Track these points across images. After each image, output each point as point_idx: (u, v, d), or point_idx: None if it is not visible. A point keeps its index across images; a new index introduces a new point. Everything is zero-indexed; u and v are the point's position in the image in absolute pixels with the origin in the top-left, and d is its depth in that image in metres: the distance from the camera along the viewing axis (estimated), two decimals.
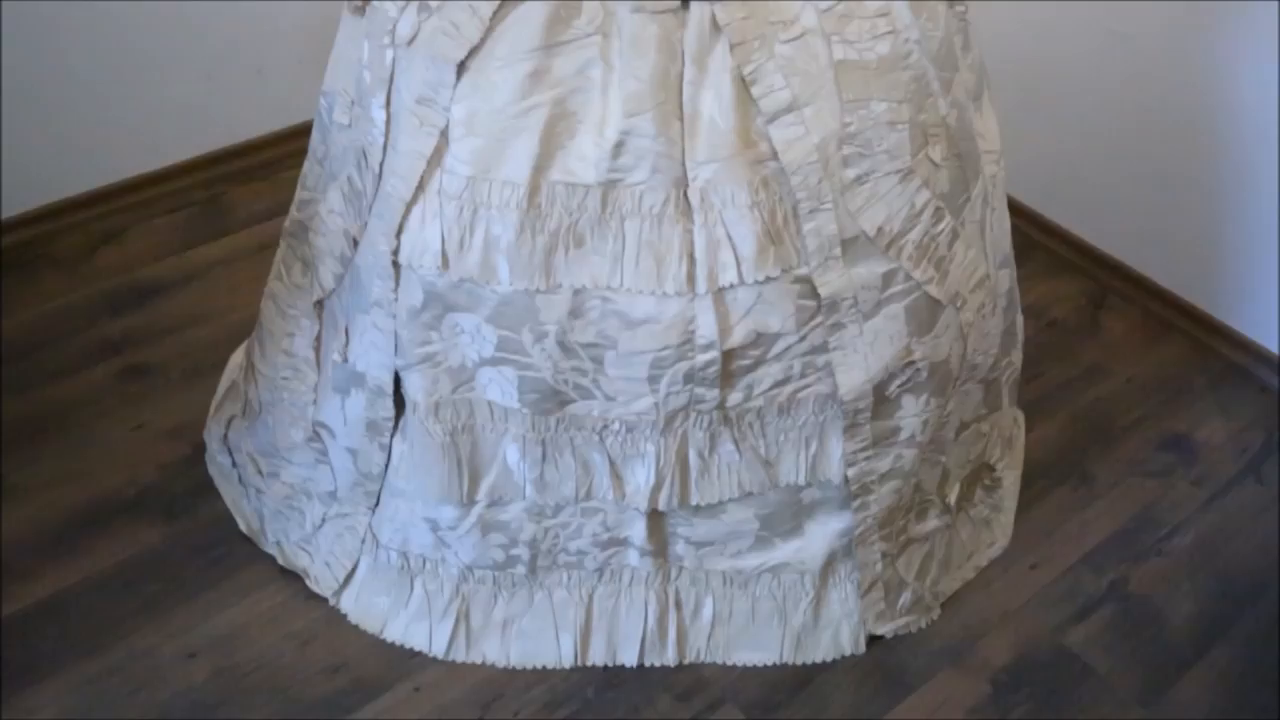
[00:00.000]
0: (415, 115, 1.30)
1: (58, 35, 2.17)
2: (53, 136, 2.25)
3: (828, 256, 1.32)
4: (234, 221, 2.38)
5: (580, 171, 1.27)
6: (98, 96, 2.27)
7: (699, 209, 1.28)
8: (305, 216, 1.54)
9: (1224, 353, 2.16)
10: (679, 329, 1.32)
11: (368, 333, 1.44)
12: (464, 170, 1.28)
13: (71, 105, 2.25)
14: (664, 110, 1.25)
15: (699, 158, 1.27)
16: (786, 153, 1.28)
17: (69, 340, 2.09)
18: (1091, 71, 2.16)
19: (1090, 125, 2.21)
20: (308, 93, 2.36)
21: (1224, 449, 2.00)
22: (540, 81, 1.25)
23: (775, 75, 1.27)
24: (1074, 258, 2.34)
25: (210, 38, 2.35)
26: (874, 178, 1.32)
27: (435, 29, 1.28)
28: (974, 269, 1.47)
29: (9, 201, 2.26)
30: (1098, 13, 2.10)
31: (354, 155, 1.40)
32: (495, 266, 1.30)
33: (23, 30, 2.12)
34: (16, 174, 2.24)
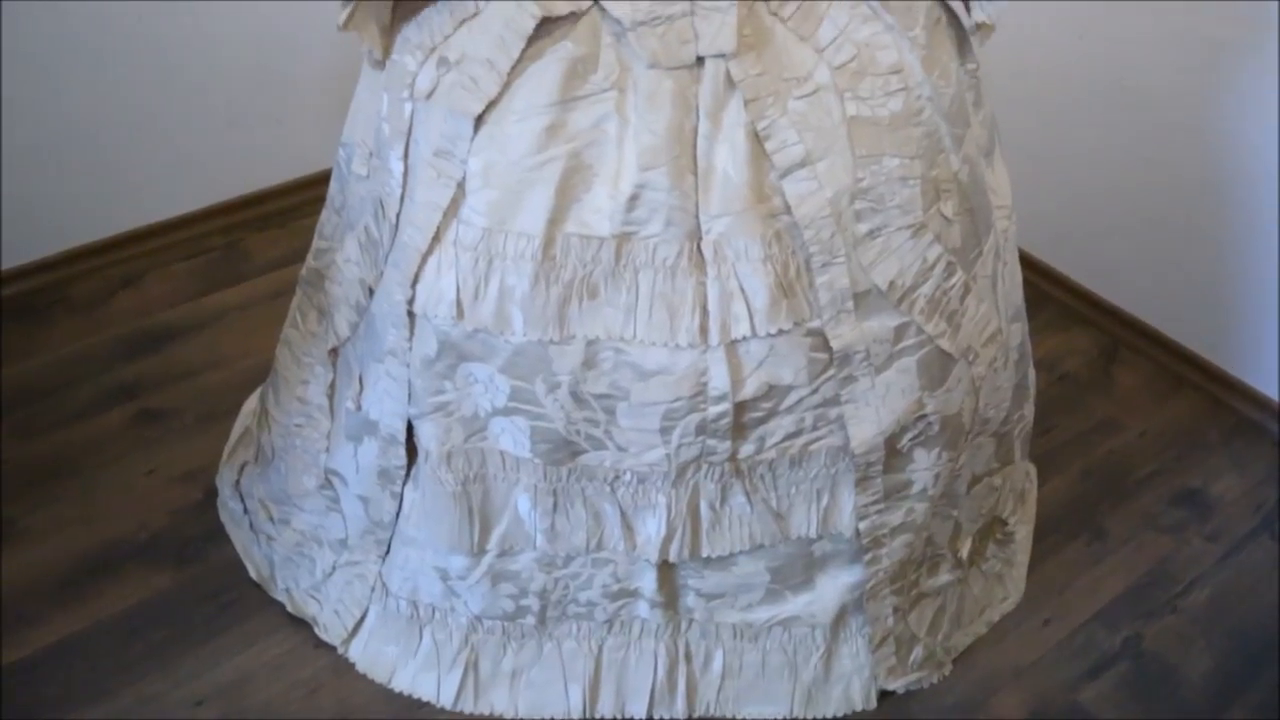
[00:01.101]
0: (432, 167, 1.31)
1: (82, 83, 2.21)
2: (74, 183, 2.28)
3: (840, 310, 1.33)
4: (251, 268, 2.40)
5: (595, 224, 1.28)
6: (119, 144, 2.30)
7: (712, 262, 1.29)
8: (322, 265, 1.55)
9: (1237, 407, 2.15)
10: (691, 381, 1.32)
11: (381, 381, 1.44)
12: (480, 221, 1.29)
13: (94, 152, 2.28)
14: (678, 164, 1.27)
15: (713, 211, 1.28)
16: (799, 207, 1.29)
17: (84, 384, 2.10)
18: (1102, 126, 2.17)
19: (1101, 179, 2.22)
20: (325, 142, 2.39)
21: (1238, 504, 1.99)
22: (556, 135, 1.27)
23: (789, 131, 1.28)
24: (1086, 311, 2.34)
25: (232, 88, 2.38)
26: (886, 232, 1.33)
27: (454, 83, 1.30)
28: (986, 323, 1.47)
29: (29, 247, 2.29)
30: (1107, 68, 2.12)
31: (371, 206, 1.42)
32: (509, 317, 1.31)
33: (47, 77, 2.16)
34: (37, 219, 2.26)
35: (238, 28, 2.32)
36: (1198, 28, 1.95)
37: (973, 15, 1.36)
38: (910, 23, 1.35)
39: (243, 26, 2.33)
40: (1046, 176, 2.29)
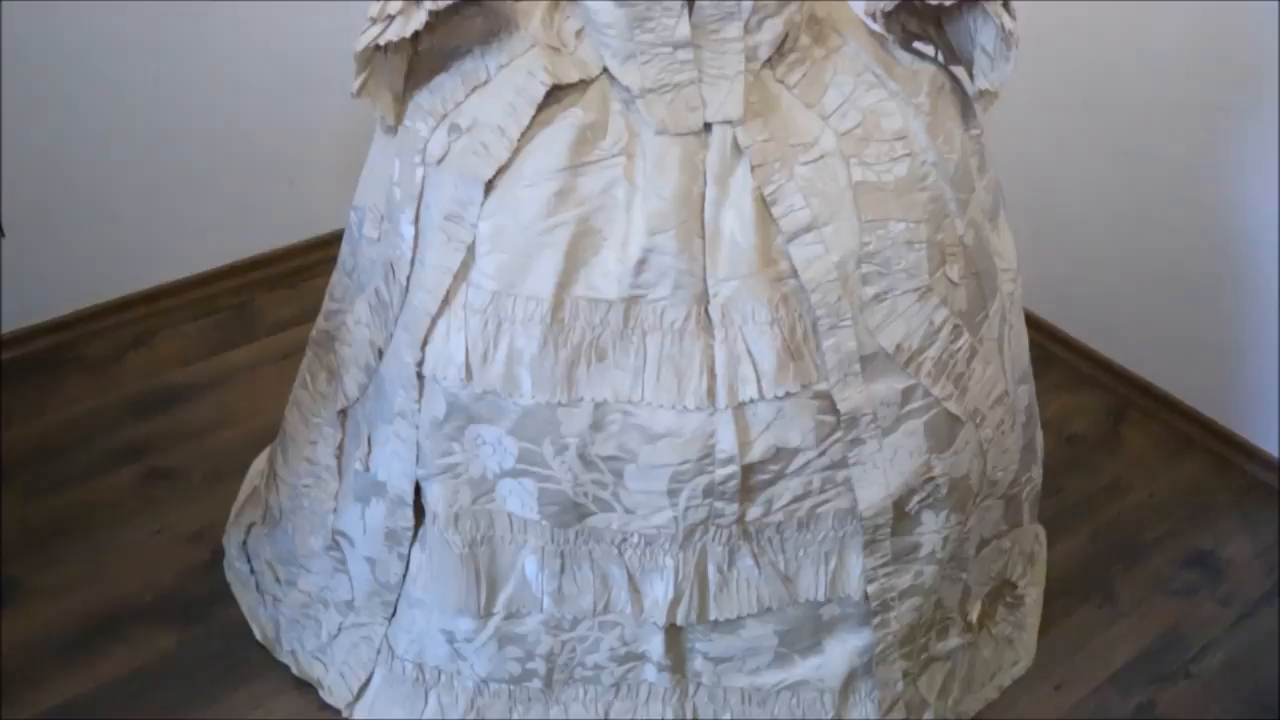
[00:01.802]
0: (443, 231, 1.33)
1: (95, 144, 2.24)
2: (87, 243, 2.30)
3: (847, 373, 1.33)
4: (261, 328, 2.41)
5: (603, 287, 1.29)
6: (132, 205, 2.33)
7: (720, 325, 1.30)
8: (332, 327, 1.56)
9: (1247, 469, 2.15)
10: (699, 443, 1.32)
11: (390, 442, 1.45)
12: (489, 285, 1.30)
13: (106, 213, 2.31)
14: (686, 228, 1.28)
15: (720, 274, 1.29)
16: (806, 271, 1.30)
17: (93, 443, 2.11)
18: (1105, 189, 2.19)
19: (1105, 241, 2.23)
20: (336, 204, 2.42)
21: (1251, 567, 1.97)
22: (566, 200, 1.29)
23: (795, 195, 1.29)
24: (1093, 372, 2.34)
25: (246, 151, 2.42)
26: (892, 296, 1.34)
27: (465, 149, 1.32)
28: (993, 385, 1.47)
29: (41, 307, 2.31)
30: (1109, 132, 2.14)
31: (382, 268, 1.43)
32: (518, 379, 1.31)
33: (59, 138, 2.19)
34: (50, 279, 2.29)
35: (251, 91, 2.36)
36: (1198, 93, 1.98)
37: (976, 82, 1.38)
38: (914, 90, 1.37)
39: (256, 89, 2.37)
40: (1052, 239, 2.30)
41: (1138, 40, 2.03)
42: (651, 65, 1.30)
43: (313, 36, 2.38)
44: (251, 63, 2.34)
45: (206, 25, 2.25)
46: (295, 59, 2.38)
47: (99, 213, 2.29)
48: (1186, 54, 1.97)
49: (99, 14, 2.12)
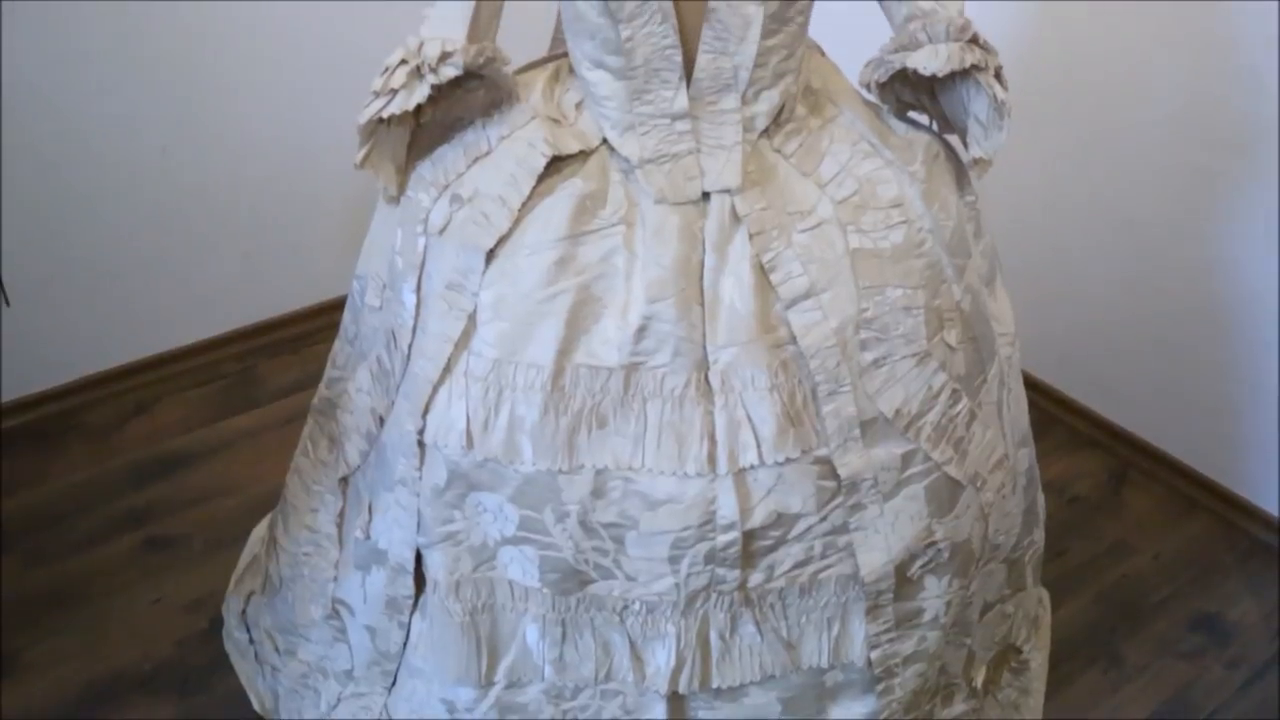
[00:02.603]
0: (444, 299, 1.34)
1: (98, 212, 2.26)
2: (91, 311, 2.32)
3: (847, 438, 1.33)
4: (263, 394, 2.42)
5: (604, 354, 1.30)
6: (136, 273, 2.35)
7: (720, 391, 1.30)
8: (334, 394, 1.57)
9: (1250, 530, 2.14)
10: (700, 509, 1.32)
11: (391, 510, 1.45)
12: (490, 353, 1.31)
13: (109, 281, 2.32)
14: (685, 296, 1.29)
15: (719, 341, 1.30)
16: (805, 337, 1.30)
17: (93, 511, 2.11)
18: (1100, 251, 2.21)
19: (1103, 303, 2.25)
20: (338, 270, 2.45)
21: (1257, 629, 1.96)
22: (566, 268, 1.30)
23: (793, 263, 1.31)
24: (1093, 433, 2.34)
25: (249, 219, 2.44)
26: (891, 361, 1.35)
27: (466, 218, 1.33)
28: (993, 449, 1.47)
29: (44, 375, 2.32)
30: (1103, 196, 2.16)
31: (384, 336, 1.44)
32: (519, 446, 1.32)
33: (62, 206, 2.21)
34: (53, 347, 2.30)
35: (255, 160, 2.40)
36: (1189, 158, 2.00)
37: (970, 151, 1.40)
38: (910, 158, 1.39)
39: (260, 158, 2.40)
40: (1050, 301, 2.32)
41: (1129, 106, 2.06)
42: (650, 136, 1.32)
43: (316, 107, 2.41)
44: (256, 132, 2.37)
45: (212, 95, 2.28)
46: (298, 130, 2.42)
47: (101, 281, 2.31)
48: (1177, 120, 2.00)
49: (105, 83, 2.15)
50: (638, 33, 1.28)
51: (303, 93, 2.39)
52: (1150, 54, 2.00)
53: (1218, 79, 1.91)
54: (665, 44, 1.28)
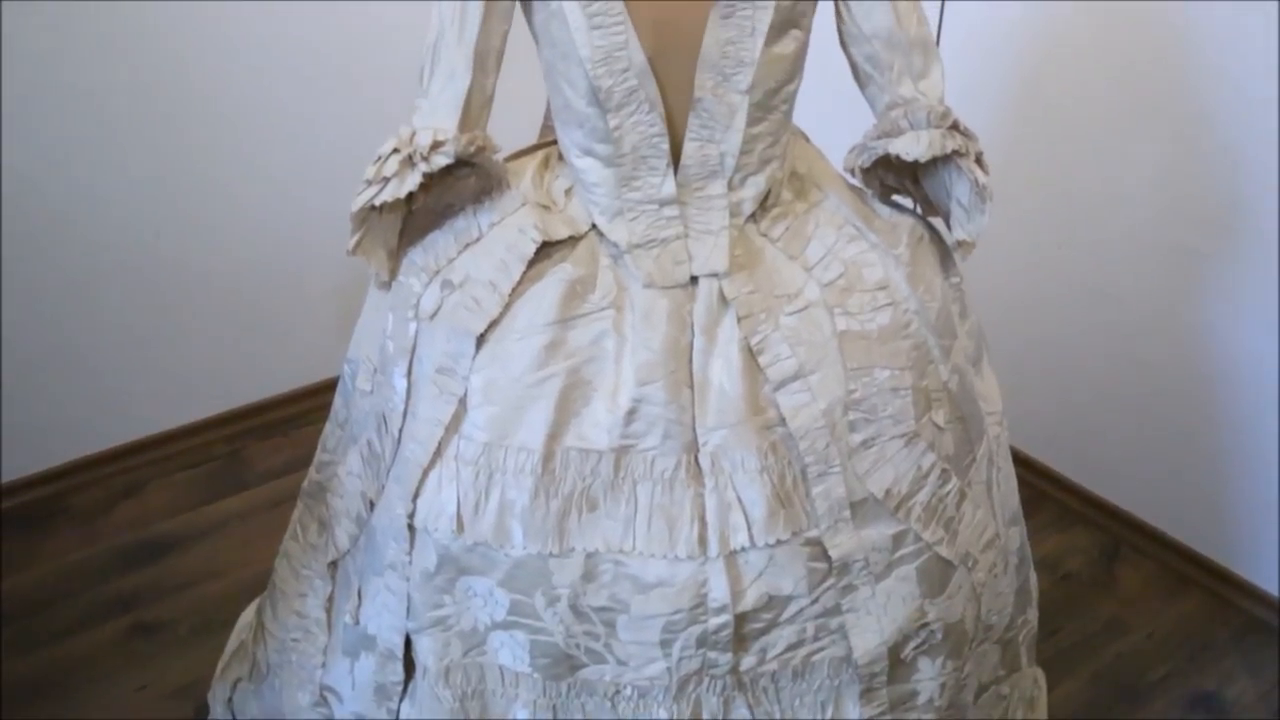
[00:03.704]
0: (435, 384, 1.35)
1: (89, 295, 2.28)
2: (79, 395, 2.32)
3: (837, 519, 1.33)
4: (252, 476, 2.41)
5: (594, 437, 1.30)
6: (128, 356, 2.35)
7: (710, 473, 1.31)
8: (324, 478, 1.57)
9: (1244, 607, 2.13)
10: (691, 592, 1.32)
11: (380, 595, 1.44)
12: (481, 436, 1.32)
13: (100, 365, 2.33)
14: (675, 378, 1.30)
15: (709, 424, 1.30)
16: (794, 419, 1.31)
17: (79, 597, 2.09)
18: (1088, 330, 2.23)
19: (1090, 379, 2.26)
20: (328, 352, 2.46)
21: (1255, 709, 1.94)
22: (556, 352, 1.31)
23: (781, 345, 1.32)
24: (1084, 510, 2.34)
25: (241, 302, 2.46)
26: (880, 442, 1.35)
27: (457, 304, 1.35)
28: (983, 529, 1.47)
29: (31, 459, 2.31)
30: (1087, 272, 2.19)
31: (374, 420, 1.45)
32: (509, 530, 1.31)
33: (57, 289, 2.23)
34: (40, 431, 2.30)
35: (245, 243, 2.42)
36: (1174, 236, 2.03)
37: (953, 233, 1.42)
38: (894, 241, 1.41)
39: (250, 242, 2.43)
40: (1038, 378, 2.34)
41: (1111, 186, 2.10)
42: (639, 222, 1.34)
43: (306, 192, 2.45)
44: (247, 217, 2.40)
45: (204, 179, 2.31)
46: (288, 214, 2.45)
47: (91, 363, 2.32)
48: (1159, 199, 2.04)
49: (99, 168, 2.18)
50: (625, 121, 1.31)
51: (294, 178, 2.42)
52: (1130, 134, 2.04)
53: (1198, 158, 1.95)
54: (652, 132, 1.31)
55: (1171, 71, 1.94)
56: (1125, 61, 2.00)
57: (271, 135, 2.36)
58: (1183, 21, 1.90)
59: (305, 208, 2.45)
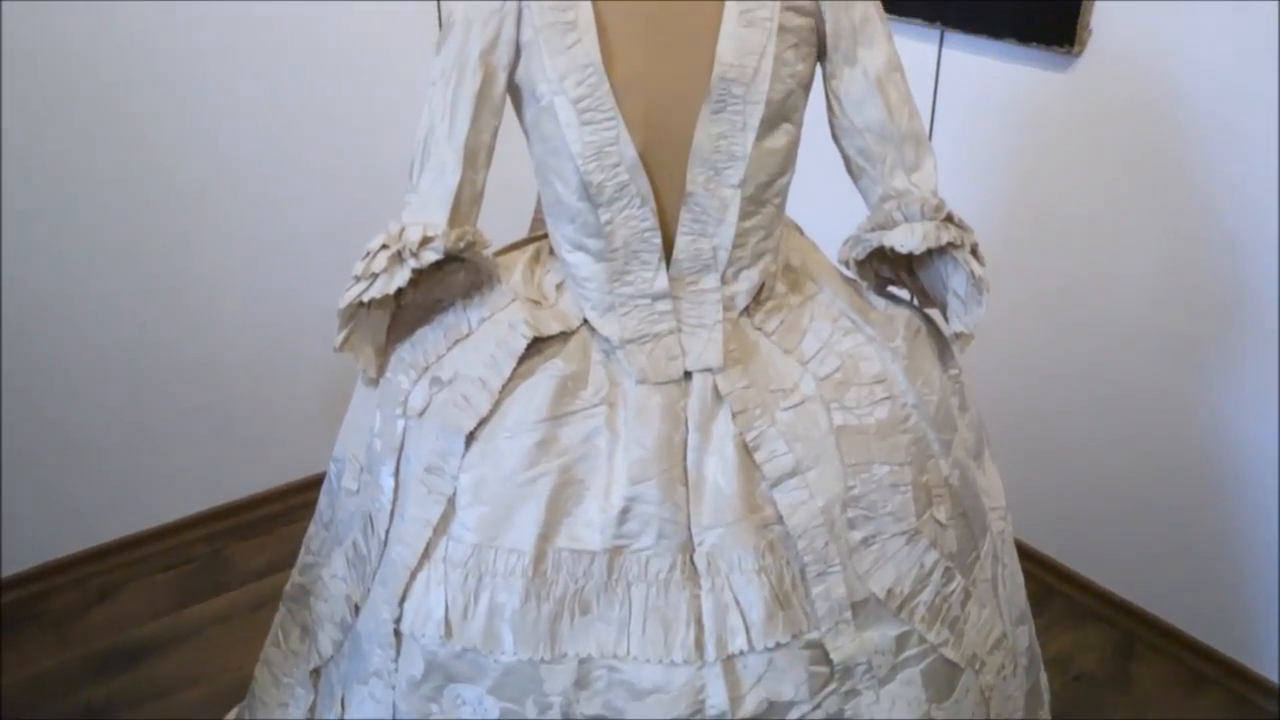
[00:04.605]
0: (423, 483, 1.35)
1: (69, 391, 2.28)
2: (54, 493, 2.31)
3: (838, 620, 1.33)
4: (233, 578, 2.40)
5: (586, 538, 1.30)
6: (104, 453, 2.35)
7: (706, 574, 1.30)
8: (307, 581, 1.56)
9: (1264, 705, 2.11)
10: (688, 698, 1.30)
11: (365, 704, 1.42)
12: (470, 538, 1.32)
13: (77, 462, 2.33)
14: (669, 476, 1.31)
15: (704, 522, 1.31)
16: (791, 517, 1.32)
17: (51, 705, 2.06)
18: (1088, 417, 2.25)
19: (1094, 470, 2.27)
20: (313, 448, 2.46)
21: None
22: (547, 450, 1.32)
23: (777, 441, 1.33)
24: (1095, 605, 2.33)
25: (224, 397, 2.46)
26: (880, 539, 1.36)
27: (446, 401, 1.36)
28: (990, 629, 1.47)
29: (4, 560, 2.29)
30: (1087, 361, 2.21)
31: (360, 521, 1.45)
32: (499, 635, 1.31)
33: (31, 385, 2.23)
34: (13, 532, 2.28)
35: (228, 338, 2.43)
36: (1174, 325, 2.06)
37: (951, 325, 1.44)
38: (891, 334, 1.43)
39: (233, 337, 2.44)
40: (1041, 470, 2.34)
41: (1110, 275, 2.13)
42: (631, 316, 1.36)
43: (292, 287, 2.47)
44: (230, 312, 2.42)
45: (188, 270, 2.33)
46: (273, 309, 2.47)
47: (65, 461, 2.31)
48: (1159, 287, 2.07)
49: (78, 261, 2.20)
50: (617, 216, 1.34)
51: (280, 271, 2.45)
52: (1129, 224, 2.08)
53: (1196, 246, 1.99)
54: (644, 227, 1.34)
55: (1170, 162, 1.98)
56: (1123, 152, 2.04)
57: (258, 228, 2.40)
58: (1180, 114, 1.95)
59: (292, 302, 2.48)
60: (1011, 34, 2.10)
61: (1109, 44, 2.01)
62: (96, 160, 2.16)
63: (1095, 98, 2.05)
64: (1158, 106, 1.97)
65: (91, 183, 2.17)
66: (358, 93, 2.44)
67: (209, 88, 2.24)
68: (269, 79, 2.31)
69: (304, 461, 2.57)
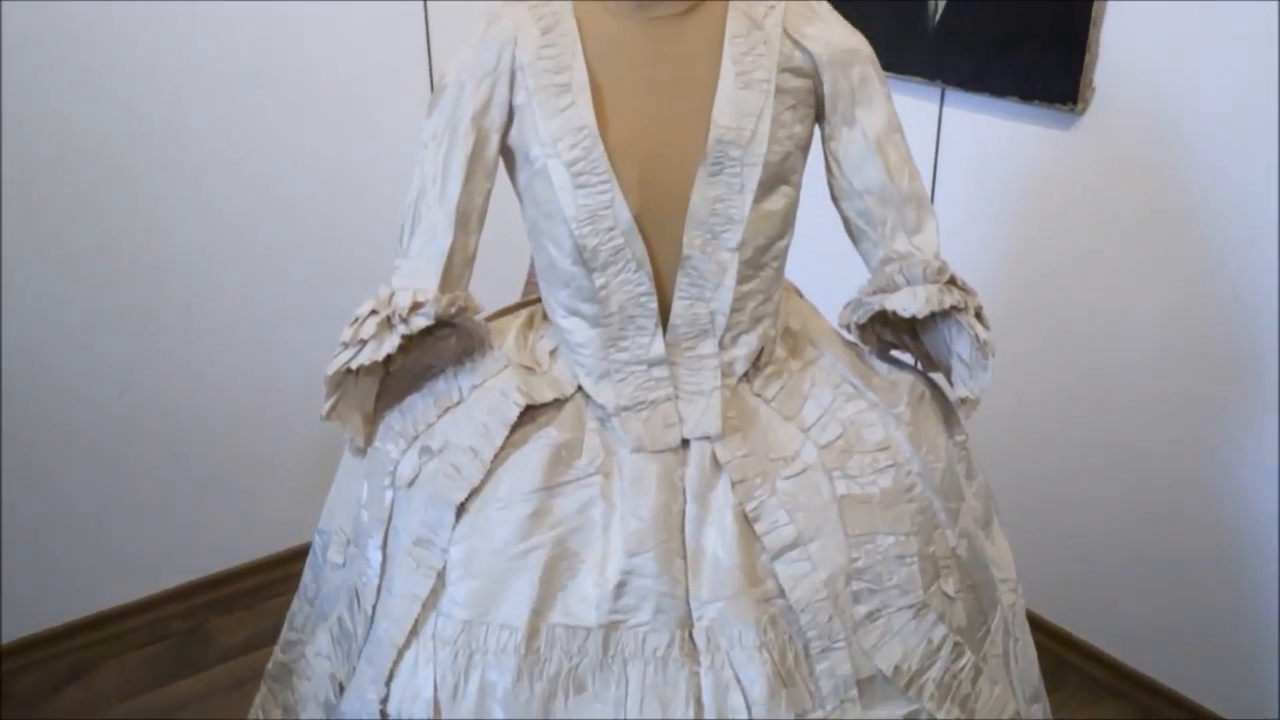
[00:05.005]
0: (412, 556, 1.36)
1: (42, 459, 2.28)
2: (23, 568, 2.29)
3: (844, 699, 1.33)
4: (212, 653, 2.38)
5: (581, 613, 1.31)
6: (77, 526, 2.34)
7: (705, 650, 1.30)
8: (290, 659, 1.55)
9: None
10: None
11: None
12: (460, 614, 1.32)
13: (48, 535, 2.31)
14: (666, 548, 1.31)
15: (703, 596, 1.31)
16: (794, 590, 1.32)
17: None
18: (1102, 487, 2.25)
19: (1108, 539, 2.27)
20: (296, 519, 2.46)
21: None
22: (541, 521, 1.32)
23: (778, 511, 1.34)
24: (1112, 680, 2.32)
25: (205, 465, 2.47)
26: (887, 613, 1.36)
27: (436, 471, 1.37)
28: (1002, 706, 1.46)
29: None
30: (1098, 426, 2.22)
31: (346, 596, 1.45)
32: (491, 715, 1.30)
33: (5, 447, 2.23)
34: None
35: (212, 402, 2.44)
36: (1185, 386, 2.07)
37: (955, 390, 1.45)
38: (894, 400, 1.45)
39: (217, 401, 2.45)
40: (1053, 539, 2.34)
41: (1118, 336, 2.15)
42: (627, 383, 1.38)
43: (276, 353, 2.48)
44: (212, 376, 2.43)
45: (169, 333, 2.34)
46: (256, 376, 2.48)
47: (34, 534, 2.30)
48: (1168, 348, 2.08)
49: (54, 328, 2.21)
50: (612, 280, 1.35)
51: (266, 336, 2.47)
52: (1137, 283, 2.10)
53: (1204, 304, 2.01)
54: (640, 291, 1.36)
55: (1176, 220, 2.01)
56: (1128, 210, 2.07)
57: (242, 291, 2.41)
58: (1186, 170, 1.98)
59: (277, 368, 2.49)
60: (1014, 92, 2.14)
61: (1113, 101, 2.05)
62: (83, 225, 2.19)
63: (1099, 156, 2.09)
64: (1163, 164, 2.00)
65: (77, 247, 2.19)
66: (347, 154, 2.47)
67: (196, 151, 2.28)
68: (257, 139, 2.35)
69: (288, 533, 2.56)
